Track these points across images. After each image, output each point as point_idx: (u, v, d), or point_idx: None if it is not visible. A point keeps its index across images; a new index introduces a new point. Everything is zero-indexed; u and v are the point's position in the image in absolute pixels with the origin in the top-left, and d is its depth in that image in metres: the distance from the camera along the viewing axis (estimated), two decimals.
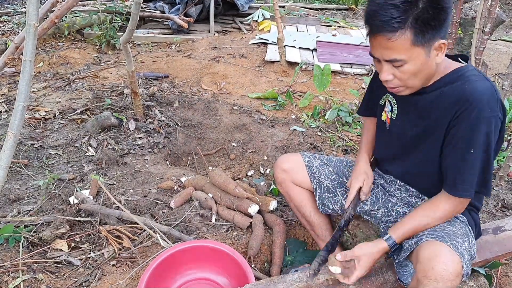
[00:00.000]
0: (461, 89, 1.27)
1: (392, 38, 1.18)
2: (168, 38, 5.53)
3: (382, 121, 1.59)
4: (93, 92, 3.65)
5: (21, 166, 2.51)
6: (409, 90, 1.34)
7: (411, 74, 1.26)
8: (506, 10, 7.52)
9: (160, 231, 1.90)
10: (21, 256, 1.80)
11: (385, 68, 1.28)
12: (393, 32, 1.17)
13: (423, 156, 1.45)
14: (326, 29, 6.12)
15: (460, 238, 1.31)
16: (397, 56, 1.22)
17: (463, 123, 1.26)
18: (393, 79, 1.29)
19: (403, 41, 1.18)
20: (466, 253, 1.28)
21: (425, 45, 1.20)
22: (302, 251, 2.04)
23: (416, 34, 1.17)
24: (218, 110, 3.43)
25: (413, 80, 1.29)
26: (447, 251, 1.22)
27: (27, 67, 1.60)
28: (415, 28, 1.16)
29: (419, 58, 1.22)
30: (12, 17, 6.03)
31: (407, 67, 1.24)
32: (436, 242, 1.26)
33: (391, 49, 1.21)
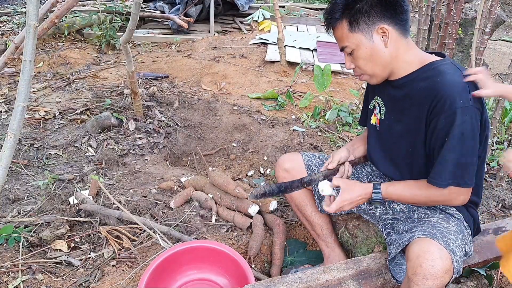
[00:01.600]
0: (434, 83, 1.32)
1: (336, 29, 1.40)
2: (168, 38, 5.53)
3: (372, 124, 1.61)
4: (93, 92, 3.65)
5: (21, 166, 2.51)
6: (375, 79, 1.45)
7: (363, 59, 1.39)
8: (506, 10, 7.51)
9: (160, 231, 1.89)
10: (21, 257, 1.80)
11: (346, 58, 1.44)
12: (333, 23, 1.39)
13: (410, 152, 1.47)
14: None
15: (453, 235, 1.32)
16: (343, 44, 1.40)
17: (438, 116, 1.30)
18: (354, 67, 1.44)
19: (342, 30, 1.37)
20: (458, 250, 1.28)
21: (364, 31, 1.34)
22: (303, 251, 2.03)
23: (350, 22, 1.34)
24: (218, 110, 3.43)
25: (369, 66, 1.40)
26: (436, 248, 1.23)
27: (27, 67, 1.60)
28: (348, 16, 1.34)
29: (362, 43, 1.36)
30: (12, 17, 6.03)
31: (357, 53, 1.38)
32: (426, 240, 1.27)
33: (339, 39, 1.41)
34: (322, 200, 1.75)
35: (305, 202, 1.81)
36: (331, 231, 1.86)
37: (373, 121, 1.61)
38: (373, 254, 1.66)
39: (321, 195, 1.75)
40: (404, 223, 1.50)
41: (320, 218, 1.82)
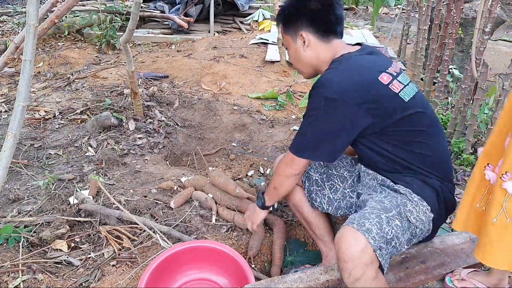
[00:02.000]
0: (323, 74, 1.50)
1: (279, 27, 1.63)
2: (168, 38, 5.53)
3: None
4: (93, 92, 3.65)
5: (21, 166, 2.51)
6: (304, 74, 1.66)
7: (292, 58, 1.63)
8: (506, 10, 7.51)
9: (160, 231, 1.89)
10: (21, 256, 1.80)
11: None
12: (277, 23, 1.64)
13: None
14: None
15: (374, 214, 1.33)
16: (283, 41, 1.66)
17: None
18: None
19: (281, 30, 1.62)
20: (375, 227, 1.29)
21: (291, 34, 1.57)
22: (303, 251, 2.03)
23: (284, 24, 1.59)
24: (218, 110, 3.43)
25: (296, 64, 1.64)
26: (350, 232, 1.29)
27: (27, 67, 1.60)
28: (283, 20, 1.59)
29: (290, 44, 1.59)
30: (12, 17, 6.03)
31: (289, 52, 1.64)
32: (344, 227, 1.33)
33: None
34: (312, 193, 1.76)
35: (302, 202, 1.81)
36: (328, 230, 1.85)
37: None
38: None
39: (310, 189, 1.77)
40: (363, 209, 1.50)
41: (317, 217, 1.82)
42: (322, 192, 1.74)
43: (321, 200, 1.74)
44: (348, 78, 1.39)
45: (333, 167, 1.76)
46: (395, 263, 1.58)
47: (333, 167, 1.76)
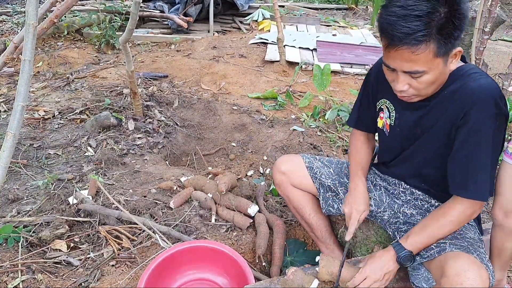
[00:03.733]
0: (465, 88, 1.25)
1: (417, 52, 1.15)
2: (167, 38, 5.52)
3: (379, 128, 1.56)
4: (92, 92, 3.65)
5: (20, 166, 2.51)
6: (419, 98, 1.32)
7: (428, 83, 1.24)
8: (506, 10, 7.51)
9: (160, 231, 1.89)
10: (20, 256, 1.80)
11: (401, 78, 1.24)
12: (417, 45, 1.14)
13: (420, 157, 1.44)
14: (326, 28, 6.12)
15: (481, 248, 1.30)
16: (418, 68, 1.19)
17: (470, 122, 1.24)
18: (408, 89, 1.26)
19: (427, 54, 1.15)
20: (490, 263, 1.27)
21: (446, 54, 1.19)
22: (302, 251, 2.03)
23: (439, 46, 1.15)
24: (218, 110, 3.43)
25: (428, 89, 1.27)
26: (475, 265, 1.20)
27: (26, 66, 1.59)
28: (438, 40, 1.14)
29: (438, 68, 1.20)
30: (11, 16, 6.02)
31: (426, 78, 1.22)
32: (463, 255, 1.24)
33: (413, 61, 1.17)
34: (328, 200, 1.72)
35: (303, 205, 1.80)
36: (330, 232, 1.85)
37: (379, 124, 1.55)
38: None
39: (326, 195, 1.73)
40: None
41: (318, 220, 1.81)
42: (338, 197, 1.72)
43: (338, 206, 1.71)
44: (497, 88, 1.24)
45: (344, 175, 1.74)
46: None
47: (344, 175, 1.74)
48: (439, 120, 1.33)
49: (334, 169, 1.76)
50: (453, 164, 1.32)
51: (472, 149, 1.25)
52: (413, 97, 1.30)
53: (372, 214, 1.68)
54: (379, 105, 1.54)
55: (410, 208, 1.58)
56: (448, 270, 1.21)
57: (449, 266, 1.22)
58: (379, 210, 1.66)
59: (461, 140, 1.27)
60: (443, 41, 1.14)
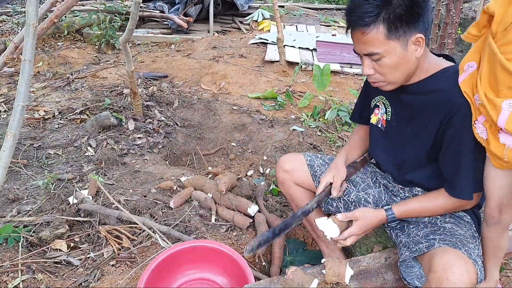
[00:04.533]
0: (449, 92, 1.29)
1: (366, 32, 1.24)
2: (167, 38, 5.52)
3: (373, 124, 1.60)
4: (92, 92, 3.65)
5: (20, 166, 2.51)
6: (392, 86, 1.38)
7: (390, 67, 1.30)
8: None
9: (160, 231, 1.89)
10: (21, 256, 1.80)
11: (365, 62, 1.32)
12: (366, 26, 1.24)
13: (411, 154, 1.48)
14: (326, 29, 6.12)
15: (471, 243, 1.32)
16: (373, 50, 1.27)
17: (453, 127, 1.30)
18: (374, 74, 1.34)
19: (377, 35, 1.24)
20: (478, 259, 1.28)
21: (400, 38, 1.25)
22: (302, 251, 2.03)
23: (389, 28, 1.23)
24: (218, 110, 3.43)
25: (393, 74, 1.32)
26: (462, 260, 1.22)
27: (26, 67, 1.59)
28: (388, 22, 1.22)
29: (395, 51, 1.26)
30: (12, 16, 6.02)
31: (385, 61, 1.28)
32: (450, 250, 1.26)
33: (366, 43, 1.27)
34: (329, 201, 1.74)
35: (305, 203, 1.80)
36: None
37: (373, 120, 1.59)
38: (372, 254, 1.66)
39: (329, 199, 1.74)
40: (416, 226, 1.49)
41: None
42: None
43: (337, 204, 1.72)
44: None
45: None
46: (394, 262, 1.58)
47: None
48: (426, 121, 1.38)
49: None
50: (441, 165, 1.40)
51: (455, 152, 1.32)
52: (382, 83, 1.37)
53: None
54: (375, 102, 1.59)
55: None
56: (435, 265, 1.24)
57: (436, 261, 1.25)
58: (378, 208, 1.66)
59: (446, 143, 1.34)
60: (393, 24, 1.22)
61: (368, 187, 1.68)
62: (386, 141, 1.57)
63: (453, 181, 1.35)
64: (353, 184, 1.71)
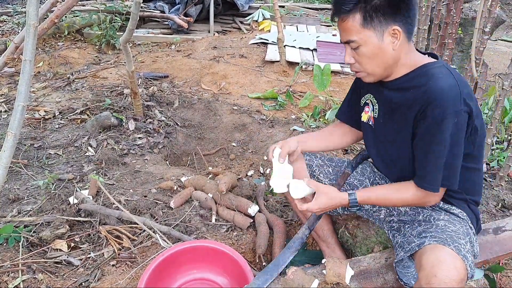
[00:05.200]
0: (425, 86, 1.31)
1: (344, 19, 1.32)
2: (168, 38, 5.53)
3: (364, 122, 1.61)
4: (93, 92, 3.65)
5: (20, 166, 2.51)
6: (371, 77, 1.41)
7: (367, 57, 1.35)
8: (506, 10, 7.52)
9: (160, 231, 1.89)
10: (21, 256, 1.80)
11: (347, 51, 1.38)
12: (344, 14, 1.31)
13: (398, 150, 1.48)
14: (326, 29, 6.12)
15: (462, 239, 1.31)
16: (350, 38, 1.33)
17: (426, 120, 1.31)
18: (354, 63, 1.40)
19: (353, 23, 1.30)
20: (469, 254, 1.28)
21: (376, 28, 1.30)
22: (302, 251, 2.03)
23: (365, 17, 1.29)
24: (218, 110, 3.43)
25: (370, 65, 1.37)
26: (450, 257, 1.22)
27: (27, 67, 1.60)
28: (364, 11, 1.28)
29: (370, 41, 1.32)
30: (12, 17, 6.03)
31: (362, 50, 1.34)
32: (439, 247, 1.26)
33: (345, 30, 1.34)
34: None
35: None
36: (332, 232, 1.85)
37: (364, 118, 1.60)
38: (373, 254, 1.66)
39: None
40: (411, 226, 1.49)
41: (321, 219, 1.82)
42: None
43: None
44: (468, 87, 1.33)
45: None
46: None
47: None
48: (406, 116, 1.40)
49: (334, 167, 1.77)
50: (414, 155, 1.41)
51: (426, 145, 1.33)
52: (362, 74, 1.42)
53: (369, 213, 1.70)
54: (364, 100, 1.60)
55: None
56: (424, 263, 1.25)
57: (425, 258, 1.26)
58: (375, 209, 1.67)
59: (419, 136, 1.36)
60: (369, 13, 1.28)
61: None
62: (376, 138, 1.58)
63: (422, 171, 1.36)
64: (350, 187, 1.71)
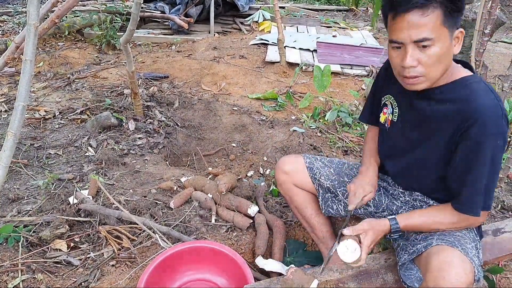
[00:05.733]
0: (467, 103, 1.25)
1: (426, 13, 1.16)
2: (168, 39, 5.53)
3: (381, 122, 1.58)
4: (93, 92, 3.65)
5: (20, 166, 2.51)
6: (427, 83, 1.28)
7: (437, 58, 1.21)
8: (506, 12, 7.52)
9: (160, 231, 1.90)
10: (21, 256, 1.80)
11: (410, 52, 1.22)
12: (425, 7, 1.16)
13: (418, 160, 1.45)
14: (327, 30, 6.13)
15: (469, 244, 1.31)
16: (427, 35, 1.18)
17: (469, 140, 1.25)
18: (417, 66, 1.24)
19: (435, 18, 1.17)
20: (476, 258, 1.28)
21: (450, 27, 1.20)
22: (302, 252, 2.03)
23: (445, 13, 1.17)
24: (218, 110, 3.43)
25: (436, 67, 1.23)
26: (459, 259, 1.21)
27: (27, 67, 1.60)
28: (446, 5, 1.17)
29: (445, 41, 1.20)
30: (13, 16, 6.03)
31: (434, 50, 1.20)
32: (447, 248, 1.25)
33: (422, 26, 1.17)
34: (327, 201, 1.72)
35: (305, 205, 1.80)
36: (331, 233, 1.85)
37: (382, 119, 1.57)
38: (372, 255, 1.66)
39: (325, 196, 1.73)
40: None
41: (320, 220, 1.81)
42: (337, 198, 1.72)
43: (337, 207, 1.71)
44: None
45: (345, 175, 1.74)
46: (394, 263, 1.58)
47: (344, 176, 1.74)
48: (437, 130, 1.34)
49: (335, 169, 1.76)
50: (451, 178, 1.36)
51: (469, 167, 1.28)
52: (421, 79, 1.26)
53: (371, 215, 1.69)
54: (384, 100, 1.56)
55: (408, 209, 1.59)
56: (432, 264, 1.23)
57: (433, 260, 1.24)
58: (378, 211, 1.66)
59: (460, 156, 1.30)
60: (450, 9, 1.17)
61: None
62: (389, 142, 1.56)
63: (462, 195, 1.31)
64: None
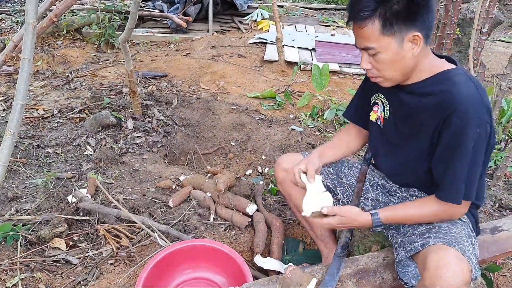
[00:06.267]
0: (448, 94, 1.29)
1: (362, 26, 1.26)
2: (167, 37, 5.52)
3: (372, 121, 1.60)
4: (91, 91, 3.65)
5: (19, 165, 2.51)
6: (389, 82, 1.38)
7: (386, 64, 1.31)
8: (504, 11, 7.53)
9: (158, 230, 1.90)
10: (19, 255, 1.81)
11: (363, 57, 1.35)
12: (362, 20, 1.26)
13: (408, 154, 1.47)
14: (325, 29, 6.12)
15: (465, 241, 1.32)
16: (368, 44, 1.29)
17: (449, 129, 1.28)
18: (371, 69, 1.36)
19: (372, 30, 1.26)
20: (473, 256, 1.28)
21: (395, 35, 1.26)
22: (301, 250, 2.04)
23: (384, 24, 1.24)
24: (217, 109, 3.43)
25: (389, 71, 1.33)
26: (456, 258, 1.22)
27: (25, 65, 1.60)
28: (384, 18, 1.24)
29: (390, 47, 1.27)
30: (11, 15, 6.01)
31: (381, 56, 1.30)
32: (444, 247, 1.26)
33: (362, 37, 1.29)
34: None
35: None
36: (330, 231, 1.85)
37: (373, 117, 1.59)
38: (370, 253, 1.66)
39: None
40: (412, 226, 1.49)
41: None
42: (336, 197, 1.73)
43: (336, 205, 1.71)
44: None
45: (343, 175, 1.75)
46: (392, 262, 1.59)
47: (343, 176, 1.75)
48: (421, 119, 1.38)
49: (334, 168, 1.77)
50: (434, 166, 1.39)
51: (450, 154, 1.31)
52: (379, 79, 1.38)
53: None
54: (374, 99, 1.59)
55: None
56: (429, 263, 1.24)
57: (430, 258, 1.25)
58: (373, 207, 1.67)
59: (441, 145, 1.33)
60: (389, 20, 1.24)
61: (366, 191, 1.69)
62: (384, 139, 1.57)
63: (443, 183, 1.34)
64: (351, 188, 1.71)
